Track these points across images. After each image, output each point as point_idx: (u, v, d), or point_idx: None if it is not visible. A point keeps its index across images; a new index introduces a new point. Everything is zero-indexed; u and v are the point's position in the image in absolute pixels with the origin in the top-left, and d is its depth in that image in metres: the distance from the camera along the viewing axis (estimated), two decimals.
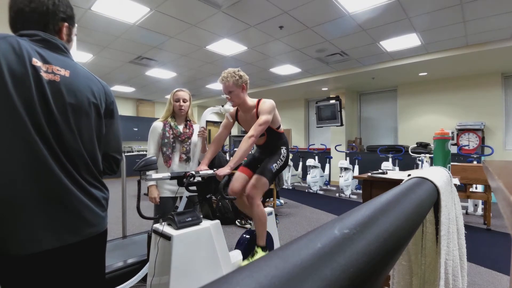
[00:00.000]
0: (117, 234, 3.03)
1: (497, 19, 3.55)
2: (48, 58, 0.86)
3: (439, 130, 2.01)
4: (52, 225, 0.83)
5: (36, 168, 0.81)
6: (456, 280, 0.71)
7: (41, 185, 0.82)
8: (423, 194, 0.46)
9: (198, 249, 1.54)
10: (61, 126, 0.87)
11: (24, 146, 0.79)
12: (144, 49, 4.77)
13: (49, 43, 0.89)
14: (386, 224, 0.26)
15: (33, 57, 0.83)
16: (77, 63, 0.97)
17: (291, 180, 6.77)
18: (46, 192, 0.82)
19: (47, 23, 0.90)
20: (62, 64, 0.89)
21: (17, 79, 0.78)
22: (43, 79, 0.83)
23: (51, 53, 0.88)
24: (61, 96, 0.87)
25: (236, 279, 0.14)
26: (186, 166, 2.03)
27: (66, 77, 0.89)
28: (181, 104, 2.04)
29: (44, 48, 0.87)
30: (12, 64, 0.78)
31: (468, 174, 3.34)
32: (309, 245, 0.18)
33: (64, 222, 0.85)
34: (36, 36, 0.87)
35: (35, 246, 0.80)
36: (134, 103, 9.75)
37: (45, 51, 0.87)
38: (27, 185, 0.79)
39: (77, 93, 0.91)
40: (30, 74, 0.81)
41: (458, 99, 6.09)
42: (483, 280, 2.22)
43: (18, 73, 0.79)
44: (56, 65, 0.88)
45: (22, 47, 0.81)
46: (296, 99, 9.04)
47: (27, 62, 0.81)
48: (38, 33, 0.87)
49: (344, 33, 4.12)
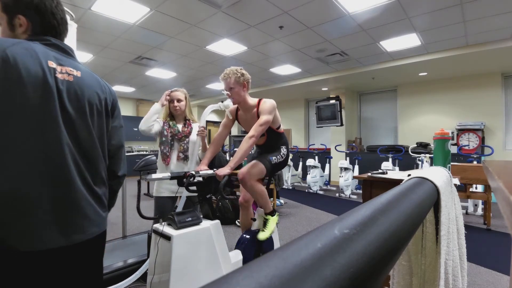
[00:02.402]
0: (117, 234, 3.03)
1: (497, 19, 3.55)
2: (61, 60, 0.92)
3: (439, 130, 2.01)
4: (61, 224, 0.85)
5: (51, 167, 0.84)
6: (456, 280, 0.71)
7: (53, 184, 0.84)
8: (423, 194, 0.46)
9: (198, 249, 1.54)
10: (77, 124, 0.91)
11: (42, 145, 0.83)
12: (144, 49, 4.77)
13: (59, 47, 0.94)
14: (386, 224, 0.26)
15: (49, 59, 0.87)
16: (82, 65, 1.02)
17: (291, 180, 6.77)
18: (58, 191, 0.85)
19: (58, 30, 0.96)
20: (73, 66, 0.95)
21: (34, 81, 0.82)
22: (59, 79, 0.88)
23: (62, 56, 0.93)
24: (75, 96, 0.92)
25: (236, 279, 0.14)
26: (184, 165, 2.04)
27: (78, 77, 0.95)
28: (175, 104, 2.06)
29: (56, 51, 0.92)
30: (29, 66, 0.81)
31: (468, 174, 3.34)
32: (309, 245, 0.18)
33: (72, 222, 0.88)
34: (47, 41, 0.92)
35: (45, 244, 0.82)
36: (134, 103, 9.76)
37: (57, 54, 0.92)
38: (39, 183, 0.82)
39: (90, 92, 0.97)
40: (48, 75, 0.85)
41: (458, 99, 6.09)
42: (483, 280, 2.22)
43: (35, 75, 0.82)
44: (69, 66, 0.93)
45: (37, 51, 0.85)
46: (296, 99, 9.04)
47: (44, 65, 0.85)
48: (49, 38, 0.92)
49: (344, 33, 4.12)
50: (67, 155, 0.87)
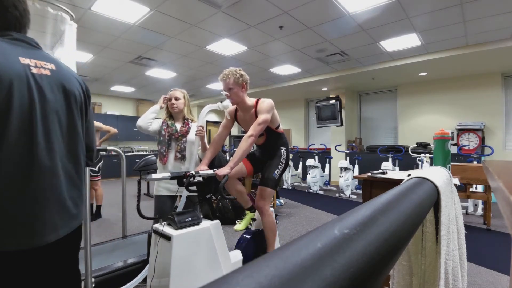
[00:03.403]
0: (117, 234, 3.03)
1: (497, 19, 3.55)
2: (30, 54, 0.85)
3: (439, 130, 2.01)
4: (51, 220, 0.86)
5: (34, 165, 0.82)
6: (456, 280, 0.71)
7: (39, 181, 0.83)
8: (423, 194, 0.46)
9: (198, 249, 1.54)
10: (60, 119, 0.89)
11: (23, 145, 0.80)
12: (144, 49, 4.77)
13: (23, 41, 0.87)
14: (386, 224, 0.26)
15: (20, 55, 0.82)
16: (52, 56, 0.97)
17: (291, 180, 6.77)
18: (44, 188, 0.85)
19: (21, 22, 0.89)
20: (45, 59, 0.89)
21: (11, 80, 0.77)
22: (35, 74, 0.83)
23: (29, 50, 0.87)
24: (55, 90, 0.88)
25: (236, 279, 0.14)
26: (181, 164, 2.04)
27: (54, 70, 0.90)
28: (172, 102, 2.07)
29: (22, 46, 0.86)
30: (3, 66, 0.76)
31: (468, 174, 3.34)
32: (309, 245, 0.18)
33: (60, 217, 0.89)
34: (9, 36, 0.85)
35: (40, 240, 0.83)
36: (134, 103, 9.75)
37: (24, 49, 0.85)
38: (26, 182, 0.81)
39: (68, 87, 0.92)
40: (24, 73, 0.80)
41: (458, 99, 6.08)
42: (483, 280, 2.22)
43: (11, 74, 0.77)
44: (41, 60, 0.87)
45: (5, 48, 0.80)
46: (296, 99, 9.04)
47: (17, 61, 0.80)
48: (10, 33, 0.85)
49: (344, 33, 4.12)
50: (46, 153, 0.84)
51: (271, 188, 1.96)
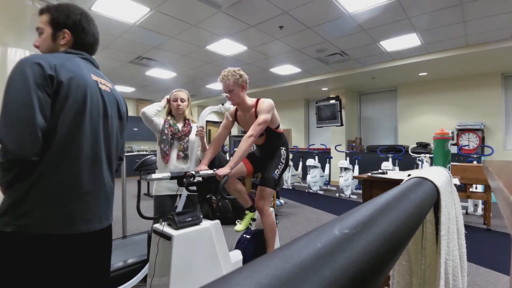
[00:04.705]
0: (117, 234, 3.02)
1: (497, 19, 3.55)
2: (96, 73, 1.06)
3: (439, 130, 2.01)
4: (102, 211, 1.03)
5: (95, 163, 1.00)
6: (456, 280, 0.71)
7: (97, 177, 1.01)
8: (423, 194, 0.46)
9: (198, 249, 1.54)
10: (115, 129, 1.11)
11: (91, 140, 0.99)
12: (144, 49, 4.77)
13: (91, 62, 1.08)
14: (386, 224, 0.26)
15: (91, 72, 1.02)
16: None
17: (291, 180, 6.77)
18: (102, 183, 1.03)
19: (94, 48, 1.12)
20: (105, 79, 1.11)
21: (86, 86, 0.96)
22: (102, 90, 1.05)
23: (95, 69, 1.08)
24: (112, 105, 1.10)
25: (236, 279, 0.14)
26: (184, 163, 2.05)
27: (111, 89, 1.13)
28: (178, 103, 2.08)
29: (91, 65, 1.07)
30: (83, 80, 0.96)
31: (468, 174, 3.34)
32: (309, 245, 0.18)
33: (107, 209, 1.07)
34: (82, 55, 1.04)
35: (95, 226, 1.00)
36: (134, 103, 9.75)
37: (92, 67, 1.06)
38: (90, 176, 0.98)
39: (119, 105, 1.16)
40: (95, 87, 1.01)
41: (458, 99, 6.08)
42: (483, 280, 2.22)
43: (87, 82, 0.96)
44: (103, 79, 1.09)
45: (82, 65, 0.99)
46: (296, 99, 9.04)
47: (90, 77, 1.00)
48: (81, 52, 1.05)
49: (344, 33, 4.12)
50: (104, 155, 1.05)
51: (271, 188, 1.96)
